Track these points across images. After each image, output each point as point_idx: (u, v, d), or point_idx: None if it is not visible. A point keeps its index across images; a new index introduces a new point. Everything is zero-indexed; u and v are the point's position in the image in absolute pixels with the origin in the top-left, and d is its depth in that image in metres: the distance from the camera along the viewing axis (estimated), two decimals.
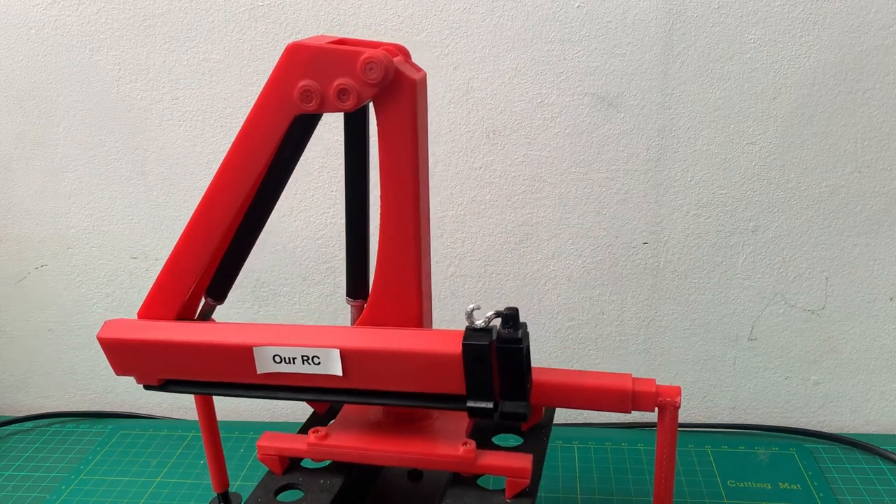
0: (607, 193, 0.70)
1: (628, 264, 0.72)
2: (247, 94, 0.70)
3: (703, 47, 0.64)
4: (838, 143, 0.66)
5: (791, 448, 0.71)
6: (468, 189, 0.71)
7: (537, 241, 0.72)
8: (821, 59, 0.64)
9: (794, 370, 0.74)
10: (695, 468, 0.68)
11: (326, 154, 0.71)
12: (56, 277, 0.80)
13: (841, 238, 0.69)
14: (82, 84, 0.72)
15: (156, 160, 0.74)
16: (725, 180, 0.68)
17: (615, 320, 0.74)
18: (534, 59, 0.66)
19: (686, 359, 0.75)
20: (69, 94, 0.72)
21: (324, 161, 0.72)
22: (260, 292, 0.77)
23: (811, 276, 0.71)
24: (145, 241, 0.77)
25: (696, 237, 0.70)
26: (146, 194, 0.75)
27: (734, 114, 0.66)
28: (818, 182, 0.68)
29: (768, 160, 0.67)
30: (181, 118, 0.72)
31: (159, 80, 0.71)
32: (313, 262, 0.75)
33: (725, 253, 0.71)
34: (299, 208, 0.73)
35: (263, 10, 0.67)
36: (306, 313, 0.78)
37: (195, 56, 0.70)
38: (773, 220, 0.69)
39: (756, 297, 0.72)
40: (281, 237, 0.75)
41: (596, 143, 0.68)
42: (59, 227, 0.78)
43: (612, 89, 0.66)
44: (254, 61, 0.69)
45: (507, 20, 0.65)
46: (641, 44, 0.65)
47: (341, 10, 0.67)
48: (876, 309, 0.71)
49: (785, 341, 0.73)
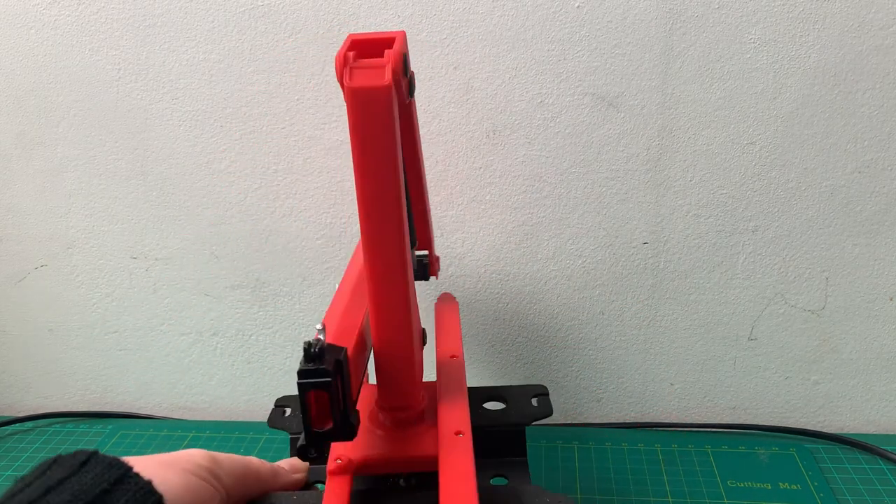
0: (607, 193, 0.70)
1: (628, 264, 0.72)
2: (247, 94, 0.70)
3: (703, 47, 0.64)
4: (839, 143, 0.66)
5: (791, 448, 0.71)
6: (468, 189, 0.71)
7: (537, 241, 0.72)
8: (821, 59, 0.64)
9: (794, 370, 0.74)
10: (695, 468, 0.68)
11: (326, 154, 0.71)
12: (56, 277, 0.80)
13: (841, 238, 0.69)
14: (82, 84, 0.72)
15: (156, 160, 0.74)
16: (725, 180, 0.68)
17: (615, 320, 0.74)
18: (534, 59, 0.66)
19: (686, 359, 0.75)
20: (69, 93, 0.72)
21: (324, 161, 0.72)
22: (260, 292, 0.77)
23: (811, 276, 0.71)
24: (145, 241, 0.77)
25: (697, 237, 0.70)
26: (146, 194, 0.75)
27: (734, 114, 0.66)
28: (818, 182, 0.68)
29: (768, 160, 0.67)
30: (181, 118, 0.72)
31: (159, 80, 0.71)
32: (313, 262, 0.76)
33: (725, 253, 0.71)
34: (299, 208, 0.73)
35: (263, 10, 0.67)
36: (306, 313, 0.78)
37: (195, 56, 0.70)
38: (774, 220, 0.69)
39: (756, 297, 0.72)
40: (281, 237, 0.75)
41: (596, 143, 0.68)
42: (59, 227, 0.78)
43: (612, 89, 0.66)
44: (254, 61, 0.69)
45: (507, 20, 0.65)
46: (641, 44, 0.65)
47: (341, 10, 0.67)
48: (876, 309, 0.71)
49: (785, 341, 0.73)
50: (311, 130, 0.71)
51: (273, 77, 0.69)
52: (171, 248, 0.77)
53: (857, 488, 0.65)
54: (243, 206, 0.74)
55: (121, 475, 0.34)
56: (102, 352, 0.82)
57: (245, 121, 0.71)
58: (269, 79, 0.70)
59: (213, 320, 0.79)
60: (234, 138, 0.72)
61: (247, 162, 0.73)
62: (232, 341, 0.80)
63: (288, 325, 0.78)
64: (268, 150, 0.72)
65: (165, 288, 0.79)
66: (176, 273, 0.78)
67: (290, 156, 0.72)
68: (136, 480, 0.35)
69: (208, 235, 0.76)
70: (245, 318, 0.78)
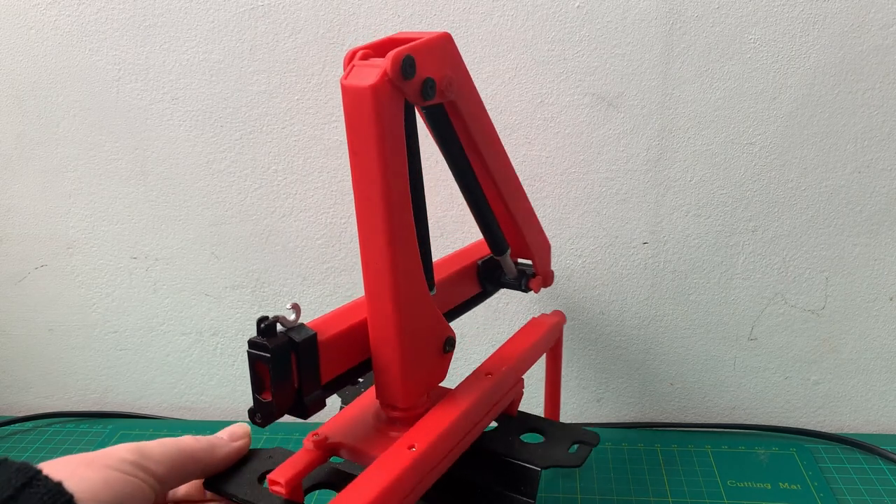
0: (607, 193, 0.70)
1: (628, 264, 0.72)
2: (247, 94, 0.70)
3: (703, 47, 0.64)
4: (838, 143, 0.66)
5: (791, 448, 0.71)
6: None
7: None
8: (821, 59, 0.64)
9: (794, 370, 0.74)
10: (695, 468, 0.68)
11: (326, 154, 0.71)
12: (56, 277, 0.80)
13: (841, 238, 0.69)
14: (82, 84, 0.72)
15: (155, 160, 0.74)
16: (725, 180, 0.68)
17: (615, 320, 0.74)
18: (534, 59, 0.66)
19: (686, 359, 0.75)
20: (69, 93, 0.72)
21: (324, 161, 0.72)
22: (260, 292, 0.77)
23: (811, 276, 0.71)
24: (145, 241, 0.77)
25: (696, 237, 0.70)
26: (146, 194, 0.75)
27: (734, 114, 0.66)
28: (818, 182, 0.68)
29: (768, 160, 0.67)
30: (181, 118, 0.72)
31: (159, 79, 0.71)
32: (313, 262, 0.76)
33: (725, 253, 0.71)
34: (299, 208, 0.73)
35: (263, 10, 0.67)
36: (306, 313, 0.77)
37: (195, 56, 0.70)
38: (774, 220, 0.69)
39: (756, 297, 0.72)
40: (281, 237, 0.75)
41: (596, 143, 0.68)
42: (59, 227, 0.78)
43: (612, 89, 0.66)
44: (254, 61, 0.69)
45: (507, 20, 0.65)
46: (641, 44, 0.65)
47: (341, 10, 0.67)
48: (876, 309, 0.71)
49: (785, 341, 0.73)
50: (311, 130, 0.71)
51: (273, 77, 0.69)
52: (172, 249, 0.77)
53: (857, 488, 0.65)
54: (243, 206, 0.74)
55: (28, 479, 0.34)
56: (102, 352, 0.82)
57: (245, 121, 0.71)
58: (269, 79, 0.70)
59: (213, 320, 0.79)
60: (234, 138, 0.72)
61: (247, 162, 0.73)
62: (232, 341, 0.80)
63: None
64: (268, 150, 0.72)
65: (165, 288, 0.79)
66: (176, 273, 0.78)
67: (290, 156, 0.72)
68: (45, 483, 0.35)
69: (208, 235, 0.76)
70: (245, 318, 0.79)
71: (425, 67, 0.42)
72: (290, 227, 0.74)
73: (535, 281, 0.60)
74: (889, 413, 0.75)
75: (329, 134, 0.71)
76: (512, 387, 0.54)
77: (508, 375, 0.54)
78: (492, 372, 0.53)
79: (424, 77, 0.42)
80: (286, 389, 0.43)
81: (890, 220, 0.68)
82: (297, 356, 0.43)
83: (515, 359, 0.56)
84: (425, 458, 0.44)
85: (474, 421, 0.50)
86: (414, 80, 0.41)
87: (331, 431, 0.48)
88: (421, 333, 0.47)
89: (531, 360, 0.59)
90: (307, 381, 0.43)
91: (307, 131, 0.71)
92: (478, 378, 0.52)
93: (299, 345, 0.43)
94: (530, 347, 0.58)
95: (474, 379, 0.52)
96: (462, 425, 0.48)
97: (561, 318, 0.64)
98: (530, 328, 0.61)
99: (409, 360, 0.46)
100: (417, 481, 0.43)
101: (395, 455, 0.43)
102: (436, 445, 0.45)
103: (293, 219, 0.74)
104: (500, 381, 0.53)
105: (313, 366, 0.44)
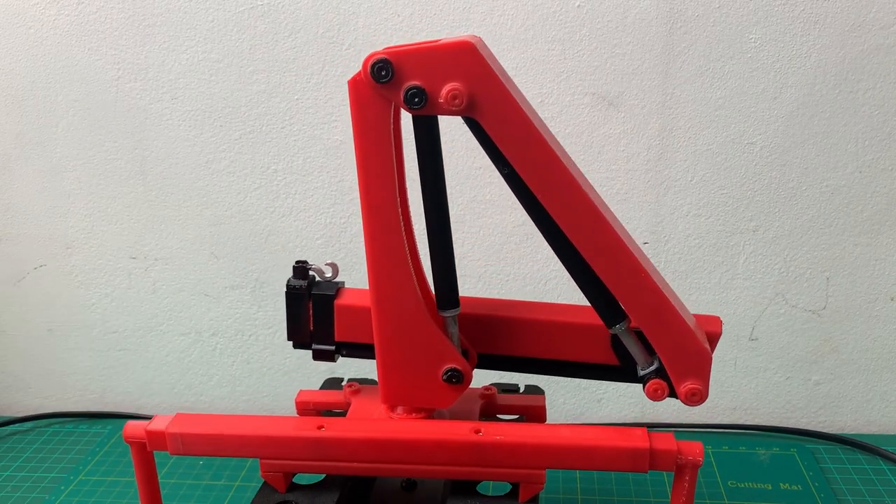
0: (607, 193, 0.70)
1: None
2: (247, 94, 0.70)
3: (703, 47, 0.64)
4: (839, 142, 0.66)
5: (792, 448, 0.71)
6: (468, 189, 0.71)
7: (537, 241, 0.71)
8: (821, 59, 0.64)
9: (794, 370, 0.74)
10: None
11: (326, 154, 0.71)
12: (55, 277, 0.80)
13: (842, 238, 0.69)
14: (81, 83, 0.72)
15: (155, 160, 0.74)
16: (726, 180, 0.68)
17: None
18: (534, 59, 0.66)
19: None
20: (68, 93, 0.72)
21: (324, 161, 0.71)
22: (260, 292, 0.77)
23: (812, 276, 0.71)
24: (145, 241, 0.77)
25: (697, 237, 0.70)
26: (145, 194, 0.75)
27: (735, 113, 0.66)
28: (819, 182, 0.68)
29: (769, 160, 0.67)
30: (180, 118, 0.72)
31: (158, 79, 0.71)
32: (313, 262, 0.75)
33: (726, 253, 0.71)
34: (299, 208, 0.73)
35: (263, 10, 0.67)
36: None
37: (194, 55, 0.70)
38: (774, 220, 0.69)
39: (757, 297, 0.72)
40: (281, 237, 0.75)
41: (596, 143, 0.68)
42: (59, 227, 0.77)
43: (612, 89, 0.66)
44: (253, 61, 0.69)
45: (507, 20, 0.65)
46: (642, 43, 0.65)
47: (341, 10, 0.67)
48: (877, 309, 0.71)
49: (786, 341, 0.73)
50: (310, 130, 0.71)
51: (273, 77, 0.69)
52: (171, 248, 0.77)
53: (857, 489, 0.65)
54: (243, 206, 0.74)
55: None
56: (102, 352, 0.82)
57: (245, 121, 0.71)
58: (269, 79, 0.69)
59: (212, 320, 0.79)
60: (234, 138, 0.72)
61: (246, 162, 0.73)
62: (231, 341, 0.79)
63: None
64: (267, 150, 0.72)
65: (165, 288, 0.78)
66: (175, 273, 0.78)
67: (289, 156, 0.72)
68: None
69: (208, 235, 0.76)
70: (244, 318, 0.78)
71: (410, 74, 0.40)
72: (290, 227, 0.74)
73: (654, 385, 0.46)
74: (890, 413, 0.75)
75: (328, 133, 0.71)
76: (516, 470, 0.44)
77: (505, 455, 0.43)
78: (481, 431, 0.44)
79: (407, 84, 0.40)
80: (301, 327, 0.50)
81: (891, 220, 0.68)
82: (313, 305, 0.50)
83: (537, 447, 0.43)
84: (322, 444, 0.44)
85: (422, 459, 0.44)
86: (393, 85, 0.40)
87: (351, 400, 0.52)
88: (408, 345, 0.45)
89: (575, 464, 0.44)
90: (320, 331, 0.50)
91: (306, 131, 0.71)
92: (460, 427, 0.44)
93: (314, 297, 0.50)
94: (578, 449, 0.44)
95: (460, 425, 0.45)
96: (394, 453, 0.44)
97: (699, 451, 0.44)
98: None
99: (388, 365, 0.46)
100: (303, 455, 0.45)
101: (305, 423, 0.46)
102: (343, 444, 0.44)
103: (293, 218, 0.74)
104: (482, 449, 0.43)
105: (327, 320, 0.50)
